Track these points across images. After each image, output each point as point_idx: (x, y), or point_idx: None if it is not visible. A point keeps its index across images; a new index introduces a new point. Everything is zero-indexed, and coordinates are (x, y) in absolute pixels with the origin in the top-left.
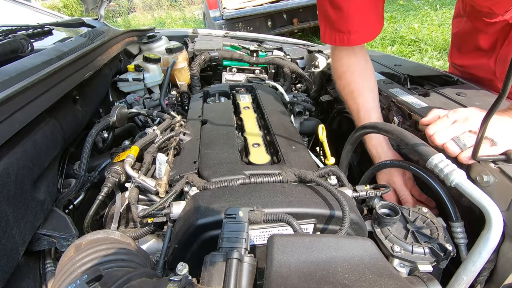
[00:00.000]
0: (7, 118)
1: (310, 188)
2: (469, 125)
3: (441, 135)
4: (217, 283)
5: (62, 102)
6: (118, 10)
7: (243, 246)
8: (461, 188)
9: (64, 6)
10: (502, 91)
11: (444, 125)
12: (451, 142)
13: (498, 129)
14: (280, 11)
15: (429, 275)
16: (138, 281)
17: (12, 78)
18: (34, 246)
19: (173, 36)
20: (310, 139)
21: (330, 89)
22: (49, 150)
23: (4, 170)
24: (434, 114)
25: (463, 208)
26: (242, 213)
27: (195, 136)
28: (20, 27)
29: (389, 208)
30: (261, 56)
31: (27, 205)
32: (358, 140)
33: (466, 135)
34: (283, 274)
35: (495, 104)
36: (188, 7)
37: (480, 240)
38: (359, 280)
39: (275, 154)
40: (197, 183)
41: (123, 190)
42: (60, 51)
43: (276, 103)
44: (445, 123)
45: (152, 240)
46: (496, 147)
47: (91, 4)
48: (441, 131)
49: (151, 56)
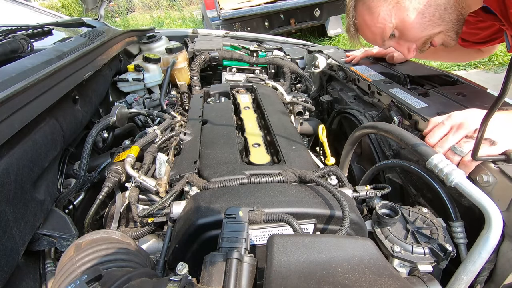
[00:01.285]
0: (7, 118)
1: (310, 188)
2: (465, 130)
3: (439, 148)
4: (217, 283)
5: (62, 102)
6: (117, 10)
7: (243, 246)
8: (461, 188)
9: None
10: (502, 91)
11: (441, 134)
12: (450, 152)
13: (498, 128)
14: (277, 11)
15: (429, 275)
16: (138, 281)
17: (12, 78)
18: (34, 246)
19: (173, 36)
20: (310, 139)
21: (330, 89)
22: (49, 150)
23: (4, 170)
24: (433, 123)
25: (463, 208)
26: (242, 213)
27: (196, 136)
28: (20, 27)
29: (389, 208)
30: (261, 56)
31: (27, 205)
32: (358, 140)
33: (462, 142)
34: (283, 274)
35: (495, 104)
36: (187, 7)
37: (480, 240)
38: (359, 280)
39: (275, 154)
40: (198, 183)
41: (123, 190)
42: (60, 51)
43: (276, 103)
44: (442, 132)
45: (152, 240)
46: (496, 147)
47: (91, 4)
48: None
49: (151, 56)
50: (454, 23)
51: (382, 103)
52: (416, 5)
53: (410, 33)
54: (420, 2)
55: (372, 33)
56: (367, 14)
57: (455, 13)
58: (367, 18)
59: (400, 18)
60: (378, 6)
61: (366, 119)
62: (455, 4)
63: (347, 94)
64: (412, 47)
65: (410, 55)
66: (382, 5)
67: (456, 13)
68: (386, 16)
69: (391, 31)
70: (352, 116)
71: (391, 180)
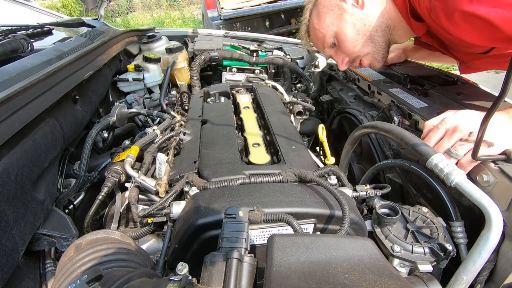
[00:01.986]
0: (7, 118)
1: (310, 188)
2: (459, 133)
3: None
4: (217, 283)
5: (62, 102)
6: (117, 10)
7: (243, 246)
8: (461, 188)
9: (63, 6)
10: (502, 91)
11: (437, 138)
12: (446, 155)
13: (495, 128)
14: (278, 11)
15: (429, 275)
16: (138, 281)
17: (12, 78)
18: (34, 246)
19: (173, 36)
20: (310, 139)
21: (330, 89)
22: (49, 150)
23: (4, 170)
24: (428, 127)
25: (463, 207)
26: (242, 213)
27: (195, 136)
28: (20, 27)
29: (389, 208)
30: (261, 56)
31: (27, 205)
32: (358, 140)
33: (457, 145)
34: (283, 274)
35: (495, 104)
36: (187, 7)
37: (480, 240)
38: (359, 280)
39: (275, 154)
40: (197, 183)
41: (123, 190)
42: (60, 51)
43: (276, 103)
44: (437, 136)
45: (152, 240)
46: (493, 148)
47: (91, 4)
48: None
49: (151, 56)
50: (382, 46)
51: (382, 103)
52: (354, 21)
53: (345, 45)
54: (358, 19)
55: (316, 37)
56: (316, 18)
57: (384, 37)
58: (315, 21)
59: (339, 28)
60: (326, 13)
61: (366, 119)
62: (385, 29)
63: (347, 94)
64: (346, 60)
65: (343, 66)
66: (328, 13)
67: (385, 38)
68: (329, 24)
69: (331, 39)
70: (352, 116)
71: (391, 179)
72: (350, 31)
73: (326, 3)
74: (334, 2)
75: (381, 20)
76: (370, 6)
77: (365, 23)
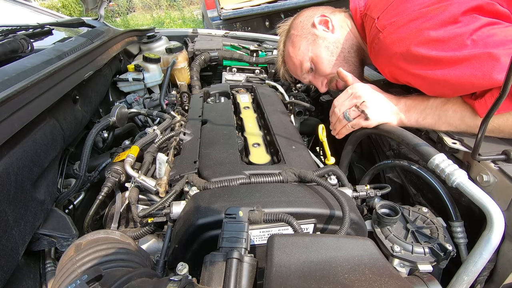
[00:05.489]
0: (7, 118)
1: (310, 188)
2: (357, 101)
3: (338, 109)
4: (217, 283)
5: (62, 102)
6: (117, 10)
7: (243, 246)
8: (463, 189)
9: (63, 6)
10: (502, 91)
11: (343, 99)
12: (342, 115)
13: (380, 106)
14: (278, 11)
15: (429, 275)
16: (138, 281)
17: (12, 78)
18: (34, 246)
19: (173, 36)
20: (310, 139)
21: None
22: (49, 150)
23: (4, 170)
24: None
25: (463, 208)
26: (242, 213)
27: (195, 136)
28: (20, 27)
29: (389, 208)
30: (261, 56)
31: (27, 205)
32: (358, 140)
33: (351, 110)
34: (283, 274)
35: (495, 104)
36: (187, 7)
37: (481, 240)
38: (359, 280)
39: (275, 154)
40: (197, 183)
41: (123, 190)
42: (60, 51)
43: (276, 103)
44: (344, 96)
45: (152, 240)
46: (369, 121)
47: (91, 4)
48: (338, 106)
49: (151, 56)
50: (356, 66)
51: None
52: (327, 44)
53: (321, 68)
54: (330, 42)
55: (294, 65)
56: (291, 47)
57: (358, 58)
58: (291, 50)
59: (314, 53)
60: (300, 41)
61: None
62: (357, 50)
63: None
64: (324, 82)
65: (322, 89)
66: (302, 40)
67: (358, 58)
68: (304, 50)
69: (308, 63)
70: None
71: (391, 179)
72: (324, 54)
73: (299, 33)
74: (306, 30)
75: (352, 42)
76: (340, 30)
77: (337, 46)
